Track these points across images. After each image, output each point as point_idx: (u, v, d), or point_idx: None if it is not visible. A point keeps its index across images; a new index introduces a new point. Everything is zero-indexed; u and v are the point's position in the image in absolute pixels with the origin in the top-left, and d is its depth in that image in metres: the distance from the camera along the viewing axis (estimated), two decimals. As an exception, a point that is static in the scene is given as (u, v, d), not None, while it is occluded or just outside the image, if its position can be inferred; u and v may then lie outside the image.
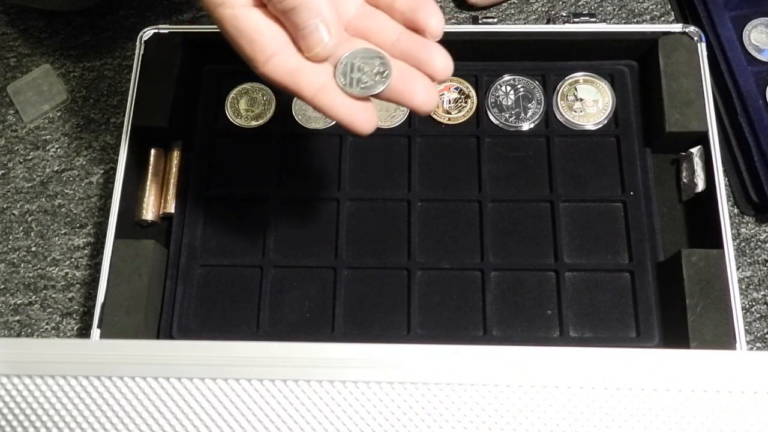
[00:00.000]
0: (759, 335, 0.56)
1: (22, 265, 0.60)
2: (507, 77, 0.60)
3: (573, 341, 0.53)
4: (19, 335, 0.58)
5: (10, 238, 0.61)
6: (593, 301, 0.54)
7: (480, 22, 0.61)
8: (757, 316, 0.56)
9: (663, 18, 0.65)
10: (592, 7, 0.66)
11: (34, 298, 0.59)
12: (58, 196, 0.62)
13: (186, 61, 0.59)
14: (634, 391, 0.36)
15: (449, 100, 0.60)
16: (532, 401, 0.36)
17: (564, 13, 0.65)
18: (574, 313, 0.54)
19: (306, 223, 0.57)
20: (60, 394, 0.37)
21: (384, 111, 0.59)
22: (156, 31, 0.59)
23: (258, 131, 0.60)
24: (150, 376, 0.37)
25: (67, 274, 0.60)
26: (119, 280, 0.53)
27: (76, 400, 0.37)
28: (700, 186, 0.55)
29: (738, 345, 0.49)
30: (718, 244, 0.52)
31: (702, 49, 0.57)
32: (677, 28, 0.58)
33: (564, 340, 0.53)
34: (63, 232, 0.61)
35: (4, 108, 0.65)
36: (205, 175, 0.58)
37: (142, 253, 0.53)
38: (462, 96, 0.60)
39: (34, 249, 0.60)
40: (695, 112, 0.56)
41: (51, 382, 0.37)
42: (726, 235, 0.52)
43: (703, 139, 0.55)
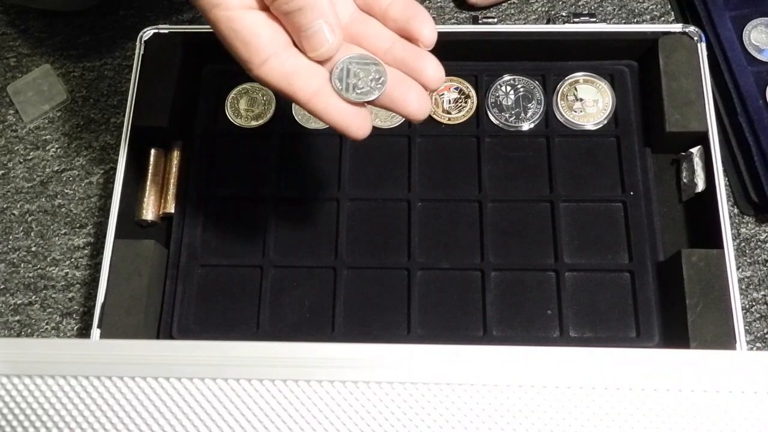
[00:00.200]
0: (759, 335, 0.56)
1: (22, 265, 0.60)
2: (507, 77, 0.60)
3: (573, 341, 0.53)
4: (19, 335, 0.58)
5: (10, 238, 0.61)
6: (593, 301, 0.54)
7: (480, 22, 0.61)
8: (757, 316, 0.56)
9: (663, 18, 0.65)
10: (592, 7, 0.66)
11: (34, 298, 0.59)
12: (58, 196, 0.62)
13: (186, 61, 0.59)
14: (634, 391, 0.36)
15: (449, 100, 0.60)
16: (532, 401, 0.36)
17: (564, 13, 0.65)
18: (574, 313, 0.54)
19: (306, 223, 0.57)
20: (60, 394, 0.37)
21: (384, 111, 0.59)
22: (156, 31, 0.59)
23: (258, 131, 0.60)
24: (150, 376, 0.37)
25: (67, 274, 0.60)
26: (119, 280, 0.53)
27: (76, 400, 0.37)
28: (700, 186, 0.55)
29: (738, 345, 0.49)
30: (718, 244, 0.52)
31: (702, 49, 0.57)
32: (677, 28, 0.58)
33: (564, 340, 0.53)
34: (63, 232, 0.61)
35: (4, 108, 0.65)
36: (205, 175, 0.58)
37: (142, 253, 0.53)
38: (462, 96, 0.60)
39: (34, 249, 0.60)
40: (695, 112, 0.56)
41: (51, 382, 0.37)
42: (726, 235, 0.52)
43: (703, 139, 0.55)
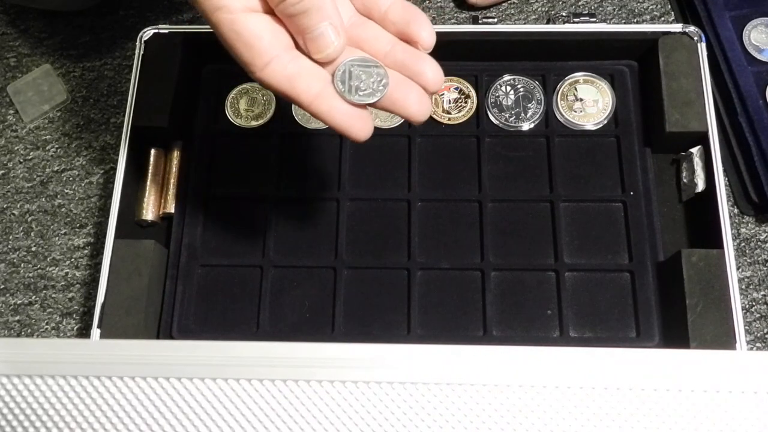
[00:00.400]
0: (759, 335, 0.56)
1: (22, 265, 0.60)
2: (507, 77, 0.60)
3: (573, 341, 0.53)
4: (19, 335, 0.58)
5: (10, 238, 0.61)
6: (593, 301, 0.54)
7: (480, 22, 0.61)
8: (757, 316, 0.56)
9: (663, 18, 0.65)
10: (592, 7, 0.66)
11: (34, 298, 0.59)
12: (58, 196, 0.62)
13: (186, 61, 0.59)
14: (634, 391, 0.36)
15: (449, 100, 0.60)
16: (532, 401, 0.36)
17: (564, 13, 0.65)
18: (574, 313, 0.54)
19: (306, 223, 0.57)
20: (60, 394, 0.37)
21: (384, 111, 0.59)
22: (156, 31, 0.59)
23: (258, 131, 0.60)
24: (150, 376, 0.37)
25: (67, 274, 0.60)
26: (119, 280, 0.53)
27: (76, 400, 0.37)
28: (700, 186, 0.55)
29: (738, 345, 0.49)
30: (718, 244, 0.52)
31: (702, 49, 0.57)
32: (677, 28, 0.58)
33: (564, 340, 0.53)
34: (63, 232, 0.61)
35: (4, 108, 0.65)
36: (205, 175, 0.58)
37: (142, 253, 0.53)
38: (462, 96, 0.60)
39: (34, 249, 0.60)
40: (695, 112, 0.56)
41: (51, 382, 0.37)
42: (726, 235, 0.52)
43: (703, 139, 0.55)
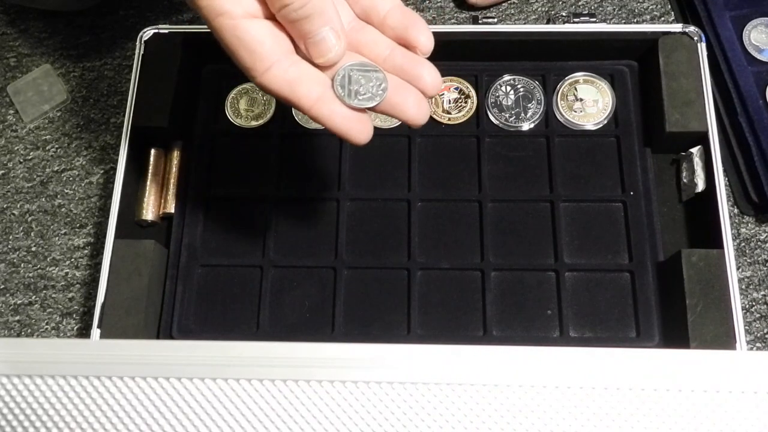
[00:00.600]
0: (759, 335, 0.56)
1: (22, 265, 0.60)
2: (507, 77, 0.60)
3: (573, 341, 0.53)
4: (19, 335, 0.58)
5: (10, 238, 0.61)
6: (593, 301, 0.54)
7: (480, 22, 0.61)
8: (757, 316, 0.56)
9: (663, 18, 0.65)
10: (592, 7, 0.66)
11: (34, 298, 0.59)
12: (58, 196, 0.62)
13: (186, 61, 0.59)
14: (634, 391, 0.36)
15: (449, 100, 0.60)
16: (532, 401, 0.36)
17: (564, 13, 0.65)
18: (574, 313, 0.54)
19: (306, 223, 0.57)
20: (60, 394, 0.37)
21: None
22: (156, 31, 0.59)
23: (258, 131, 0.60)
24: (150, 376, 0.37)
25: (67, 274, 0.60)
26: (119, 280, 0.53)
27: (76, 400, 0.37)
28: (700, 186, 0.55)
29: (738, 345, 0.49)
30: (718, 244, 0.52)
31: (702, 49, 0.57)
32: (677, 28, 0.58)
33: (564, 340, 0.53)
34: (63, 232, 0.61)
35: (4, 108, 0.65)
36: (205, 175, 0.58)
37: (142, 253, 0.53)
38: (462, 96, 0.60)
39: (34, 249, 0.60)
40: (695, 112, 0.56)
41: (51, 382, 0.37)
42: (726, 235, 0.52)
43: (703, 139, 0.55)
